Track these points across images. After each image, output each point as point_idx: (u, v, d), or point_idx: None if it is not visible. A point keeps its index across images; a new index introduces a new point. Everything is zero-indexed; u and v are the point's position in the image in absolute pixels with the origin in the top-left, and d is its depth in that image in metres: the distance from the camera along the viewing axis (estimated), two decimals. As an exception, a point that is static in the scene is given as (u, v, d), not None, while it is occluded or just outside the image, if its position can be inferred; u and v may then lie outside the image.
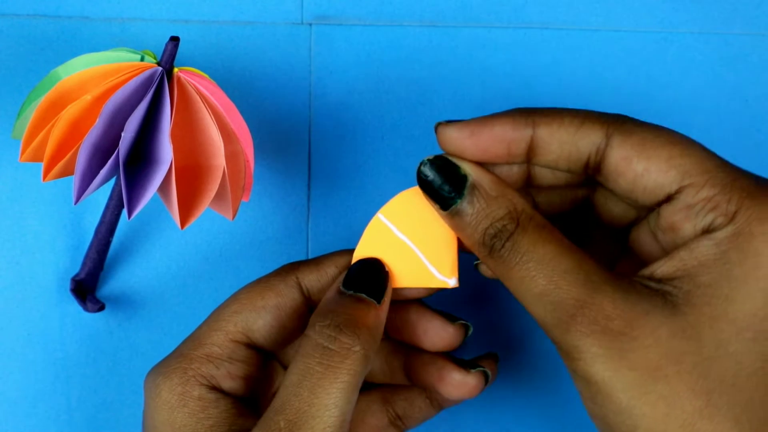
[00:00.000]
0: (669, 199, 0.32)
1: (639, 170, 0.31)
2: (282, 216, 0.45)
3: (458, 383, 0.37)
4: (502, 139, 0.33)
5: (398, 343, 0.39)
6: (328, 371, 0.33)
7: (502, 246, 0.32)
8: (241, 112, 0.38)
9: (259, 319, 0.36)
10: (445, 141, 0.34)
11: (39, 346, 0.44)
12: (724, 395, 0.28)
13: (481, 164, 0.34)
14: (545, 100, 0.46)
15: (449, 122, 0.34)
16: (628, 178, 0.32)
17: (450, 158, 0.34)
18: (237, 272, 0.45)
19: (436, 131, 0.34)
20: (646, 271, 0.31)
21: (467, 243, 0.34)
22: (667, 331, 0.29)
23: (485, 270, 0.36)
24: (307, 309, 0.37)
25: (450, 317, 0.38)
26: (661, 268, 0.31)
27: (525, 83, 0.46)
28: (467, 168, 0.33)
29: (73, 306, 0.44)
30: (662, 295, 0.30)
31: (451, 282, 0.36)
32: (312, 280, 0.37)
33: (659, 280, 0.31)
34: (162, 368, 0.36)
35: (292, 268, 0.38)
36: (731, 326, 0.29)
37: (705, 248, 0.30)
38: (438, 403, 0.40)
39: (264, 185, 0.45)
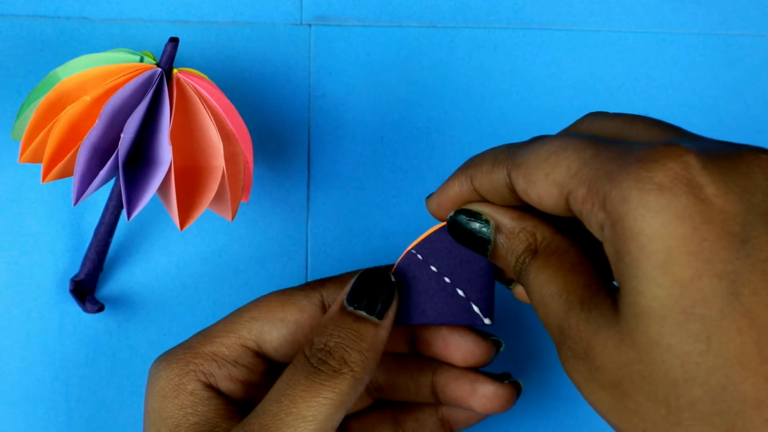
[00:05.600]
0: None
1: (535, 198, 0.30)
2: (281, 216, 0.45)
3: (492, 395, 0.38)
4: (458, 198, 0.34)
5: (424, 360, 0.39)
6: (312, 385, 0.33)
7: (524, 277, 0.32)
8: (241, 113, 0.38)
9: (275, 331, 0.37)
10: (431, 212, 0.36)
11: (38, 346, 0.44)
12: (681, 397, 0.26)
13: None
14: (545, 100, 0.46)
15: (429, 196, 0.36)
16: (540, 206, 0.31)
17: (472, 208, 0.34)
18: (236, 273, 0.45)
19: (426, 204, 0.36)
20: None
21: (513, 277, 0.35)
22: (613, 344, 0.28)
23: (517, 294, 0.36)
24: None
25: (483, 333, 0.38)
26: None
27: (524, 84, 0.46)
28: (488, 212, 0.34)
29: (73, 307, 0.44)
30: (616, 307, 0.28)
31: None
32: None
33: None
34: (167, 356, 0.36)
35: (318, 284, 0.38)
36: (654, 319, 0.26)
37: (607, 250, 0.28)
38: (450, 427, 0.40)
39: (263, 186, 0.45)
